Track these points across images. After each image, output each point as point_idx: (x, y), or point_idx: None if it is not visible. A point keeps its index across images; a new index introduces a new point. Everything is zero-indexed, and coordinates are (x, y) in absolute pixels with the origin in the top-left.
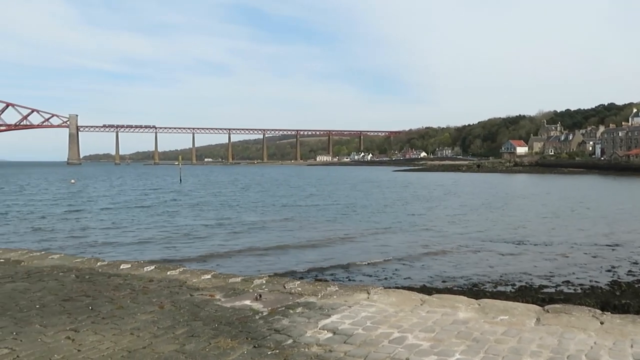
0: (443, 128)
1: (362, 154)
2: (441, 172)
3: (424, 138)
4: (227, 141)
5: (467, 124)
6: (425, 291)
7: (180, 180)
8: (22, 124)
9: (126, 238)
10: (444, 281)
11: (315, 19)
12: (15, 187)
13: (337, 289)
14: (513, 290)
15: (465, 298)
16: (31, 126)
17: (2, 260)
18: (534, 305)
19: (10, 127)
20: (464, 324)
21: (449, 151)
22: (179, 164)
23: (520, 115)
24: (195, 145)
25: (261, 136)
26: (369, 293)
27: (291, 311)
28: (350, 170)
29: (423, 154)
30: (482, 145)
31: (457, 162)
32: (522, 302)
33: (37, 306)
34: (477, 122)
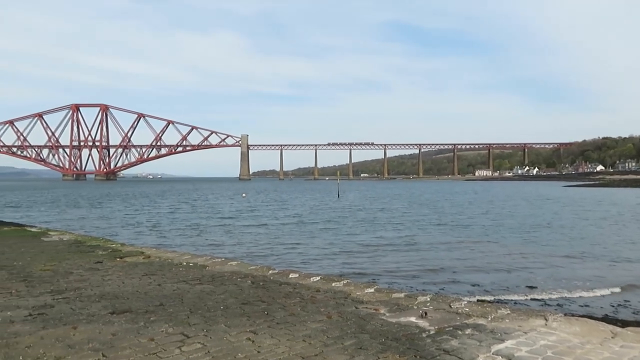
0: (625, 138)
1: (527, 167)
2: (624, 187)
3: (600, 150)
4: (383, 156)
5: None
6: (609, 322)
7: (339, 195)
8: (203, 144)
9: (295, 250)
10: (634, 312)
11: (474, 30)
12: (202, 201)
13: (508, 312)
14: None
15: None
16: (210, 146)
17: (191, 265)
18: None
19: (194, 147)
20: None
21: (633, 164)
22: (337, 180)
23: None
24: (352, 161)
25: (417, 151)
26: (546, 319)
27: (460, 332)
28: (515, 186)
29: (600, 168)
30: None
31: None
32: None
33: (222, 307)
34: None
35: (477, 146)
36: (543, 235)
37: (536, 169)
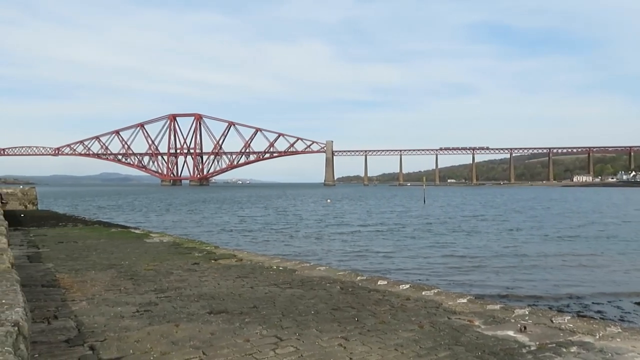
0: None
1: (633, 173)
2: None
3: None
4: (471, 161)
5: None
6: None
7: (424, 201)
8: (289, 150)
9: (383, 257)
10: None
11: (571, 27)
12: (289, 206)
13: (619, 330)
14: None
15: None
16: (296, 152)
17: (281, 268)
18: None
19: (281, 154)
20: None
21: None
22: (423, 185)
23: None
24: (439, 167)
25: (507, 155)
26: None
27: (564, 349)
28: (621, 192)
29: None
30: None
31: None
32: None
33: (312, 312)
34: None
35: (575, 150)
36: None
37: None
